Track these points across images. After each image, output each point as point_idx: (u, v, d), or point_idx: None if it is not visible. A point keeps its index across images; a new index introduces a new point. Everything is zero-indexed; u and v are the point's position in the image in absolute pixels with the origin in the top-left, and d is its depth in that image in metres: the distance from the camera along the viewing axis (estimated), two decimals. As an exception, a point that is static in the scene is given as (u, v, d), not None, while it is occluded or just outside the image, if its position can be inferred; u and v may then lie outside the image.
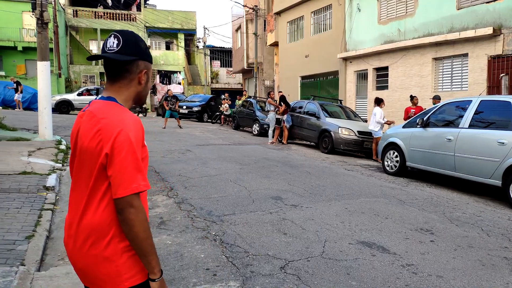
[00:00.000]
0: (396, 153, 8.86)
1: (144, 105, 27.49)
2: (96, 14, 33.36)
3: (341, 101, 16.11)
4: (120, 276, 1.48)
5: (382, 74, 15.71)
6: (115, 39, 1.57)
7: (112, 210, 1.46)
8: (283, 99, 13.91)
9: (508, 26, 11.13)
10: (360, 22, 16.57)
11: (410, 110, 11.02)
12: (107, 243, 1.47)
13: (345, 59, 17.36)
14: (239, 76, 37.61)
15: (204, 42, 38.50)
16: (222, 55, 42.53)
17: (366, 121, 14.20)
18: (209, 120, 23.74)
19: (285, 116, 13.81)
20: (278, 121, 13.84)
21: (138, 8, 35.43)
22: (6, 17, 29.78)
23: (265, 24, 26.58)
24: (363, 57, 16.28)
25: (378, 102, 11.56)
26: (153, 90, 35.18)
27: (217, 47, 42.42)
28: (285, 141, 13.99)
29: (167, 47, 39.61)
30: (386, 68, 15.36)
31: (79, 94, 23.26)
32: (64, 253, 3.80)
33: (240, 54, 30.20)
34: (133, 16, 34.43)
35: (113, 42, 1.57)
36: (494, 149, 6.59)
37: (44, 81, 10.59)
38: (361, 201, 6.17)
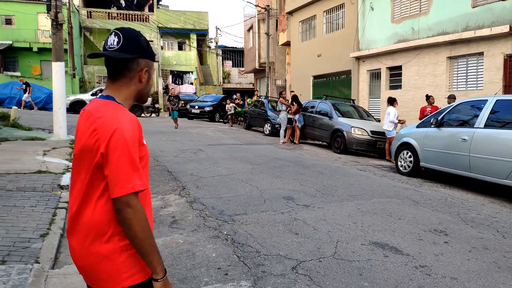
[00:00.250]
0: (410, 153, 8.76)
1: (157, 105, 27.72)
2: (110, 15, 33.71)
3: (354, 101, 15.99)
4: (119, 275, 1.46)
5: (396, 73, 15.56)
6: (116, 37, 1.55)
7: (111, 209, 1.45)
8: (295, 99, 13.86)
9: (525, 24, 10.93)
10: (373, 21, 16.43)
11: (426, 110, 10.89)
12: (106, 241, 1.46)
13: (358, 58, 17.24)
14: (251, 76, 37.63)
15: (216, 42, 38.63)
16: (234, 55, 42.60)
17: (379, 121, 14.09)
18: (221, 120, 23.81)
19: (297, 116, 13.76)
20: (290, 121, 13.80)
21: (151, 9, 35.67)
22: (22, 19, 30.31)
23: (277, 24, 26.53)
24: (376, 56, 16.15)
25: (391, 102, 11.45)
26: (166, 90, 35.40)
27: (229, 47, 42.50)
28: (297, 141, 13.95)
29: (180, 48, 39.84)
30: (400, 67, 15.21)
31: (93, 94, 23.51)
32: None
33: (252, 54, 30.21)
34: (146, 17, 34.68)
35: (114, 40, 1.55)
36: (510, 149, 6.48)
37: (59, 82, 10.74)
38: (374, 202, 6.12)
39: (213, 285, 3.29)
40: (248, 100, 20.78)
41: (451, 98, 10.34)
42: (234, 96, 23.31)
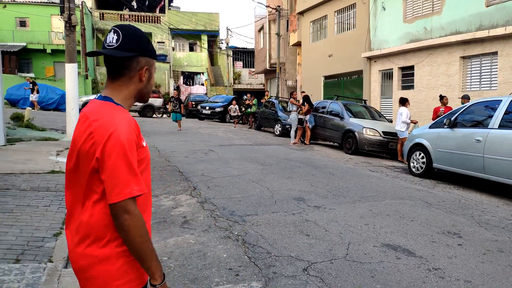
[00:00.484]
0: (422, 154, 8.66)
1: (168, 106, 27.86)
2: (122, 17, 34.03)
3: (366, 101, 15.88)
4: (113, 282, 1.42)
5: (408, 74, 15.41)
6: (115, 34, 1.49)
7: (109, 213, 1.41)
8: (307, 99, 13.82)
9: (541, 23, 10.74)
10: (385, 21, 16.31)
11: (439, 110, 10.77)
12: (104, 246, 1.41)
13: (370, 59, 17.12)
14: (261, 77, 37.64)
15: (227, 43, 38.70)
16: (245, 56, 42.65)
17: (391, 121, 13.97)
18: (231, 121, 23.81)
19: (308, 116, 13.72)
20: (301, 121, 13.76)
21: (162, 10, 35.91)
22: (36, 21, 30.76)
23: (288, 24, 26.50)
24: (388, 56, 16.02)
25: (403, 102, 11.34)
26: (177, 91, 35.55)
27: (240, 48, 42.57)
28: (308, 142, 13.90)
29: (191, 49, 40.02)
30: (412, 68, 15.06)
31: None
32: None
33: (263, 55, 30.21)
34: (158, 18, 34.92)
35: (113, 38, 1.49)
36: (526, 151, 6.36)
37: (72, 83, 10.86)
38: (386, 203, 6.06)
39: (224, 286, 3.28)
40: (254, 101, 20.73)
41: (465, 99, 10.19)
42: (245, 97, 23.33)
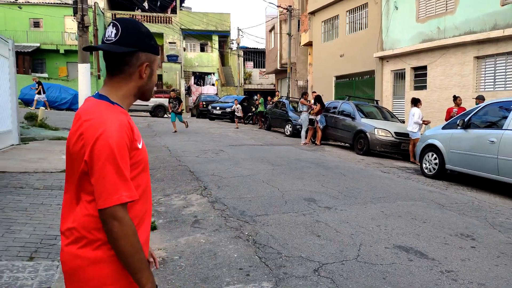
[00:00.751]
0: (435, 155, 8.57)
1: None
2: (134, 17, 34.28)
3: (378, 101, 15.77)
4: (104, 286, 1.35)
5: (420, 74, 15.26)
6: (113, 28, 1.41)
7: None
8: (319, 99, 13.76)
9: (557, 22, 10.54)
10: (397, 21, 16.17)
11: (453, 110, 10.64)
12: (96, 248, 1.34)
13: (382, 58, 16.99)
14: (272, 77, 37.63)
15: (238, 43, 38.77)
16: (255, 56, 42.68)
17: (404, 122, 13.84)
18: (242, 121, 23.86)
19: (319, 117, 13.66)
20: (312, 122, 13.71)
21: (174, 11, 36.11)
22: (49, 22, 31.17)
23: (299, 24, 26.44)
24: (401, 56, 15.88)
25: (415, 103, 11.23)
26: (188, 92, 35.76)
27: (251, 48, 42.62)
28: (319, 142, 13.84)
29: (202, 49, 40.17)
30: (425, 68, 14.91)
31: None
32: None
33: (274, 55, 30.19)
34: (169, 19, 35.12)
35: (111, 32, 1.41)
36: (542, 152, 6.25)
37: (85, 83, 10.98)
38: (398, 204, 6.01)
39: (235, 285, 3.28)
40: (260, 100, 20.69)
41: (480, 99, 10.04)
42: (255, 97, 23.35)
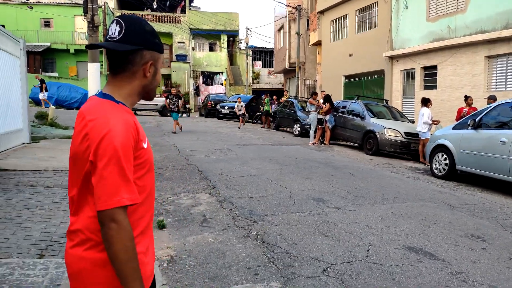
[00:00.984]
0: (445, 156, 8.49)
1: (188, 105, 28.10)
2: (143, 17, 34.40)
3: (387, 101, 15.67)
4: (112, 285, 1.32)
5: (431, 73, 15.13)
6: (117, 26, 1.38)
7: None
8: (328, 99, 13.71)
9: None
10: (408, 20, 16.04)
11: (463, 111, 10.53)
12: (102, 250, 1.31)
13: (391, 58, 16.88)
14: (280, 76, 37.59)
15: (246, 43, 38.77)
16: (264, 56, 42.65)
17: (413, 122, 13.74)
18: (250, 120, 23.89)
19: (328, 116, 13.61)
20: (320, 121, 13.66)
21: (183, 10, 36.22)
22: (60, 21, 31.50)
23: (308, 24, 26.36)
24: (410, 56, 15.76)
25: (425, 102, 11.14)
26: (197, 91, 35.86)
27: (259, 48, 42.59)
28: (327, 142, 13.79)
29: (210, 49, 40.26)
30: (435, 67, 14.78)
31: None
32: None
33: (282, 54, 30.15)
34: (178, 18, 35.22)
35: (115, 29, 1.38)
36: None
37: (94, 82, 11.06)
38: (408, 205, 5.96)
39: (244, 285, 3.28)
40: (266, 100, 20.65)
41: (492, 99, 9.91)
42: (263, 97, 23.36)
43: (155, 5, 34.86)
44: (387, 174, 8.58)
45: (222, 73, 37.84)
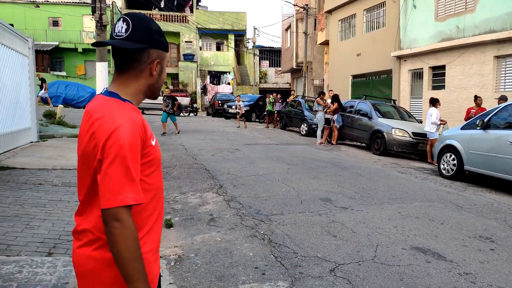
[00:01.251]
0: (453, 156, 8.42)
1: (195, 105, 28.16)
2: (151, 16, 34.54)
3: (395, 101, 15.58)
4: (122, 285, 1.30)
5: (439, 73, 15.02)
6: (124, 24, 1.36)
7: None
8: (336, 98, 13.67)
9: None
10: (416, 19, 15.94)
11: (471, 111, 10.45)
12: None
13: (399, 58, 16.78)
14: (288, 76, 37.53)
15: (254, 42, 38.76)
16: (271, 55, 42.63)
17: (421, 122, 13.66)
18: (257, 120, 23.90)
19: (335, 116, 13.57)
20: (328, 121, 13.63)
21: (191, 10, 36.29)
22: (68, 21, 31.72)
23: (316, 23, 26.30)
24: (419, 56, 15.66)
25: (433, 103, 11.06)
26: (204, 91, 35.93)
27: (266, 47, 42.58)
28: (335, 142, 13.75)
29: (218, 48, 40.31)
30: (443, 67, 14.67)
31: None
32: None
33: (289, 54, 30.10)
34: (186, 18, 35.30)
35: (122, 27, 1.36)
36: None
37: (102, 81, 11.12)
38: (415, 205, 5.93)
39: (251, 284, 3.29)
40: (270, 99, 20.62)
41: (503, 100, 9.80)
42: (268, 96, 23.34)
43: (163, 5, 34.99)
44: (395, 174, 8.54)
45: (229, 73, 37.86)
